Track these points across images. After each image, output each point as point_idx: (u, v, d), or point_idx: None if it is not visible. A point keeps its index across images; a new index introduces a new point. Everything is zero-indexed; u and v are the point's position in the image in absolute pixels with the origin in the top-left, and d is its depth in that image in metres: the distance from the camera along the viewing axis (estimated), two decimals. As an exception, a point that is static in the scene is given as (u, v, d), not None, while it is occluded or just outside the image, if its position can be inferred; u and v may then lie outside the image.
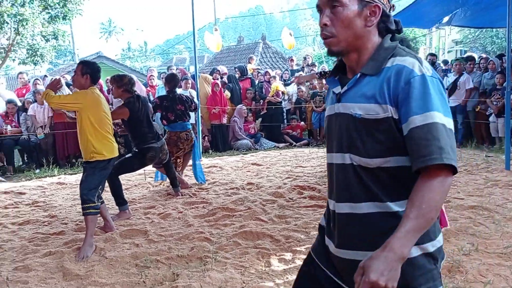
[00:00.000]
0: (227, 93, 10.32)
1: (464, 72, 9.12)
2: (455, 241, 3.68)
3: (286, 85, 11.07)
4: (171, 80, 6.22)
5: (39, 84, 8.87)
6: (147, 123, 5.01)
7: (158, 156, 5.12)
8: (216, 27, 12.05)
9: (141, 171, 6.18)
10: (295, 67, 12.72)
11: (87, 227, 3.82)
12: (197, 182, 6.32)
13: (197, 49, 10.49)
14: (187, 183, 6.05)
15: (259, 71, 12.07)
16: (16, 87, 9.77)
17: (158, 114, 6.93)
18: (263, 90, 10.85)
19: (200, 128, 9.12)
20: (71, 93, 8.08)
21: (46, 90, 3.95)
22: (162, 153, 5.23)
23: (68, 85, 8.23)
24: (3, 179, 7.54)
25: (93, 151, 3.91)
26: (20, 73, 10.45)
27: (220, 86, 9.90)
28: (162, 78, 10.24)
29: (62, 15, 15.59)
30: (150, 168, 6.64)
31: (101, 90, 8.95)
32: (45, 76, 12.84)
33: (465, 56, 10.85)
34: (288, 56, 15.40)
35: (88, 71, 4.00)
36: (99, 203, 3.94)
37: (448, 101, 6.68)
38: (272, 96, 10.53)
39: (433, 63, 10.05)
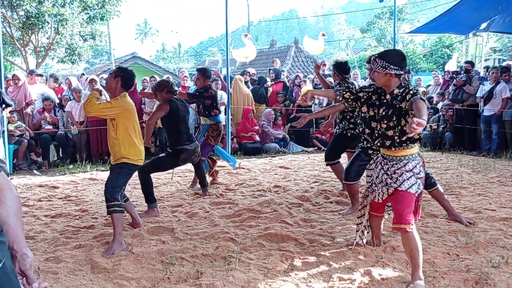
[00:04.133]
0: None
1: (501, 81, 8.85)
2: (484, 252, 3.59)
3: (316, 89, 11.04)
4: (207, 72, 6.20)
5: (96, 83, 8.64)
6: (183, 124, 5.14)
7: (190, 158, 5.23)
8: (246, 33, 11.99)
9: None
10: (327, 72, 12.67)
11: (114, 225, 3.85)
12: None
13: (229, 51, 10.59)
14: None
15: (288, 76, 12.08)
16: (51, 85, 10.07)
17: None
18: (293, 94, 10.85)
19: (230, 130, 9.21)
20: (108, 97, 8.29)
21: (90, 96, 3.95)
22: (195, 155, 5.32)
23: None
24: (38, 173, 7.80)
25: (122, 155, 3.97)
26: (51, 75, 10.71)
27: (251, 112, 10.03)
28: (194, 78, 10.42)
29: (100, 15, 16.01)
30: (178, 167, 6.76)
31: (134, 89, 9.15)
32: (82, 74, 13.21)
33: (502, 65, 10.51)
34: (321, 61, 15.33)
35: (120, 74, 4.03)
36: (123, 202, 3.99)
37: (483, 110, 6.39)
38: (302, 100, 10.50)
39: (467, 71, 9.76)
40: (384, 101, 3.13)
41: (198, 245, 3.85)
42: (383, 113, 3.11)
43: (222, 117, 9.59)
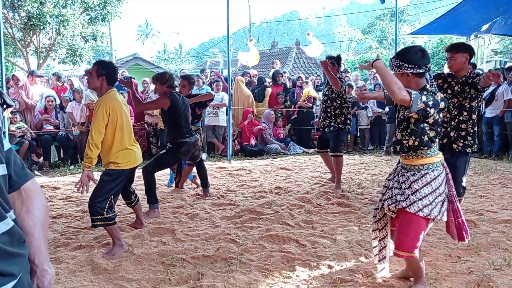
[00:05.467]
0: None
1: (503, 82, 8.84)
2: (486, 255, 3.57)
3: (318, 90, 11.03)
4: (191, 79, 6.08)
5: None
6: (184, 118, 5.13)
7: (191, 150, 5.22)
8: (251, 38, 11.97)
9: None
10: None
11: (109, 234, 3.76)
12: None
13: (230, 52, 10.59)
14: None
15: (290, 77, 12.08)
16: (52, 85, 10.09)
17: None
18: (295, 95, 10.84)
19: (231, 130, 9.21)
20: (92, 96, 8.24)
21: (85, 163, 3.66)
22: (196, 148, 5.33)
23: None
24: (39, 174, 7.80)
25: (108, 160, 3.77)
26: (54, 74, 10.75)
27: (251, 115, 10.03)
28: (196, 79, 10.42)
29: (102, 17, 16.03)
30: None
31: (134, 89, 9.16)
32: (84, 75, 13.23)
33: (506, 66, 10.49)
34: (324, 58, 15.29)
35: (104, 72, 3.76)
36: (111, 215, 3.71)
37: (485, 112, 6.42)
38: (304, 101, 10.51)
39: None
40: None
41: (199, 246, 3.84)
42: (401, 116, 2.84)
43: (223, 118, 9.65)
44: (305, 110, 10.53)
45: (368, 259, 3.50)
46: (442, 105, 2.68)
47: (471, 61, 4.67)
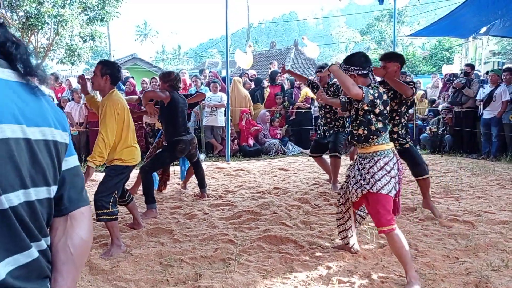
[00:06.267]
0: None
1: (501, 84, 8.85)
2: (484, 256, 3.58)
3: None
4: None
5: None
6: (182, 116, 5.17)
7: (187, 148, 5.24)
8: (250, 44, 12.02)
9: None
10: (326, 74, 12.63)
11: (109, 232, 3.78)
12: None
13: (229, 53, 10.60)
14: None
15: (288, 77, 12.08)
16: (52, 84, 10.07)
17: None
18: (293, 96, 10.84)
19: (230, 131, 9.20)
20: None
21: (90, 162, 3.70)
22: (192, 146, 5.34)
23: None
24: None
25: (113, 156, 3.83)
26: (52, 74, 10.72)
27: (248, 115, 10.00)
28: (194, 79, 10.42)
29: (100, 17, 15.99)
30: (177, 169, 6.75)
31: (133, 90, 9.15)
32: (82, 75, 13.15)
33: (504, 67, 10.51)
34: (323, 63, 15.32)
35: (108, 71, 3.80)
36: (115, 209, 3.80)
37: (483, 113, 6.55)
38: (302, 102, 10.52)
39: (467, 74, 9.76)
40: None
41: (197, 247, 3.83)
42: (353, 111, 3.31)
43: (221, 119, 9.64)
44: (303, 110, 10.53)
45: (367, 260, 3.50)
46: (385, 97, 3.18)
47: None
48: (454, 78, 10.20)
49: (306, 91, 10.58)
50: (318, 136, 6.33)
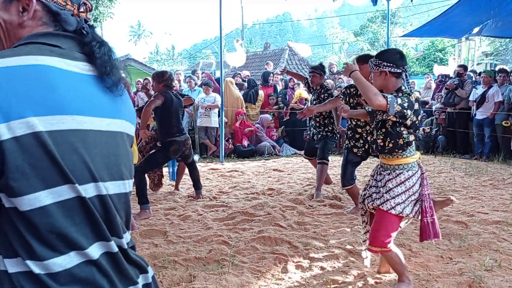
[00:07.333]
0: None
1: (493, 85, 8.90)
2: (477, 256, 3.59)
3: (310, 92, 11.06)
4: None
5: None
6: (176, 117, 5.16)
7: (181, 149, 5.22)
8: (238, 39, 11.98)
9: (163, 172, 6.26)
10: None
11: None
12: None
13: (223, 54, 10.58)
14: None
15: (283, 77, 12.09)
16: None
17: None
18: (287, 97, 10.85)
19: (224, 131, 9.19)
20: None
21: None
22: (186, 147, 5.31)
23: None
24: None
25: None
26: None
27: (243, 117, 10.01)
28: (188, 80, 10.40)
29: (93, 17, 15.94)
30: (165, 170, 6.72)
31: (127, 91, 9.12)
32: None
33: (497, 68, 10.58)
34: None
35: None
36: None
37: (475, 114, 6.62)
38: (296, 103, 10.53)
39: (459, 75, 9.79)
40: None
41: (191, 248, 3.82)
42: (379, 118, 2.94)
43: (215, 119, 9.63)
44: (297, 111, 10.53)
45: (361, 261, 3.50)
46: (416, 106, 2.77)
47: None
48: (447, 79, 10.25)
49: (300, 92, 10.59)
50: (308, 137, 6.31)
